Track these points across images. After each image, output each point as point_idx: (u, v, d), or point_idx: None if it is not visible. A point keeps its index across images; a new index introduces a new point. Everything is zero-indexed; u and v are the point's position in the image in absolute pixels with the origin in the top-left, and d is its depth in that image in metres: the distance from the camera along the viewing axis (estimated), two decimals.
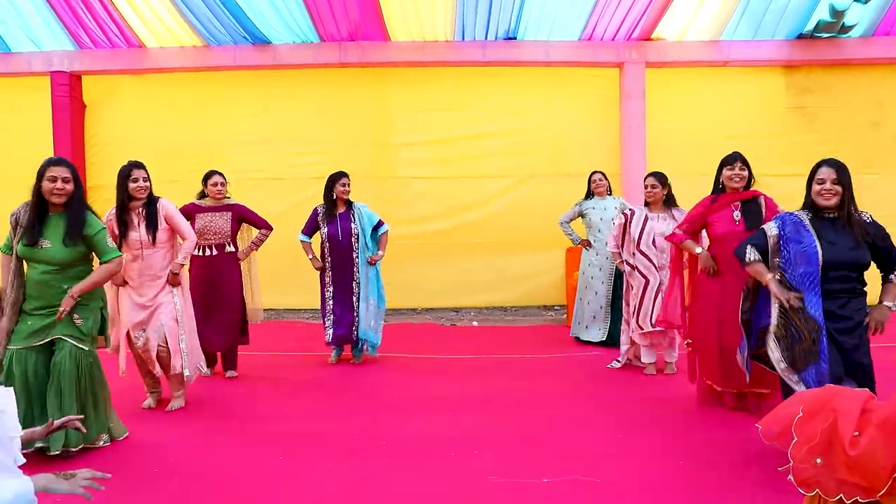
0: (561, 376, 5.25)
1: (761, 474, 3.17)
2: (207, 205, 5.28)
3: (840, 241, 3.25)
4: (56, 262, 3.55)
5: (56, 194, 3.53)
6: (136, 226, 4.32)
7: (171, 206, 4.46)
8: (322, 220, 5.62)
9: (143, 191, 4.33)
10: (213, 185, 5.28)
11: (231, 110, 8.19)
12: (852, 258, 3.25)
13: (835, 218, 3.32)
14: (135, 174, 4.34)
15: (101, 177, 8.11)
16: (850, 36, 7.67)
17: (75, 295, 3.55)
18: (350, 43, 7.69)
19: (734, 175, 4.10)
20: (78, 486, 1.76)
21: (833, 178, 3.26)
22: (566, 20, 7.43)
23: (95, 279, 3.67)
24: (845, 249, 3.24)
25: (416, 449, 3.65)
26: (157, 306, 4.35)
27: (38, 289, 3.56)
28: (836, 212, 3.30)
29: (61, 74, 7.81)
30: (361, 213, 5.67)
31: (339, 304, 5.60)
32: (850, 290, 3.30)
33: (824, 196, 3.28)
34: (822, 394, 1.99)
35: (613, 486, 3.14)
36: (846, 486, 1.81)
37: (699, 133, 7.86)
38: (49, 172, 3.51)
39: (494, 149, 8.22)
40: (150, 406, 4.51)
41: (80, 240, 3.60)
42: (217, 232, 5.25)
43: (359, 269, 5.61)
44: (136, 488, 3.16)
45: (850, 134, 7.99)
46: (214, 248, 5.26)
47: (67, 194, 3.56)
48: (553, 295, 8.22)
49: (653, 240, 5.10)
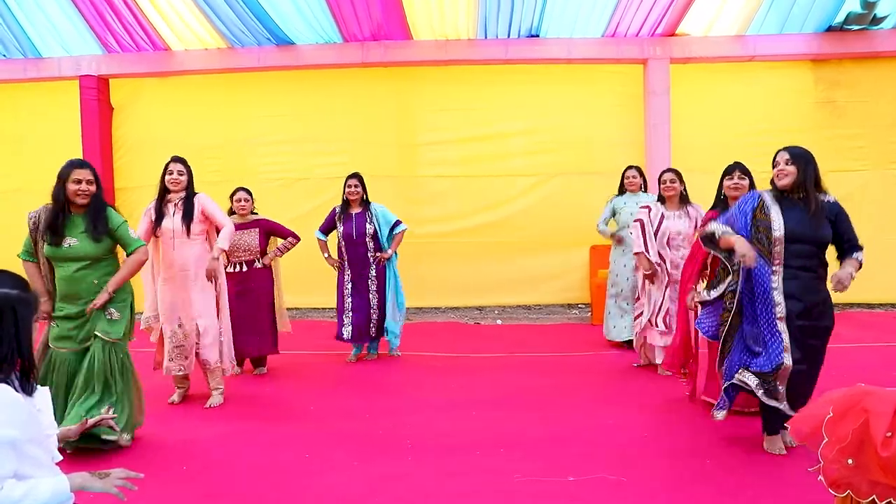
0: (586, 375, 5.23)
1: (790, 475, 3.14)
2: (235, 222, 5.33)
3: (801, 217, 3.37)
4: (86, 258, 3.63)
5: (80, 195, 3.61)
6: (171, 216, 4.42)
7: (210, 200, 4.57)
8: (339, 220, 5.72)
9: (176, 183, 4.44)
10: (238, 201, 5.37)
11: (255, 111, 8.27)
12: (811, 232, 3.36)
13: (797, 198, 3.43)
14: (171, 167, 4.48)
15: (128, 179, 8.24)
16: (881, 28, 7.51)
17: (111, 290, 3.66)
18: (373, 43, 7.72)
19: (734, 185, 4.17)
20: (112, 485, 1.80)
21: (786, 159, 3.43)
22: (589, 17, 7.38)
23: (127, 272, 3.77)
24: (806, 224, 3.36)
25: (442, 447, 3.66)
26: (192, 302, 4.43)
27: (70, 287, 3.63)
28: (797, 192, 3.42)
29: (89, 78, 7.95)
30: (377, 213, 5.77)
31: (356, 301, 5.72)
32: (808, 267, 3.38)
33: (779, 176, 3.45)
34: (853, 394, 1.96)
35: (640, 485, 3.12)
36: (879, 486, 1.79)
37: (725, 130, 7.76)
38: (74, 175, 3.59)
39: (517, 147, 8.19)
40: (175, 401, 4.59)
41: (106, 234, 3.69)
42: (246, 248, 5.33)
43: (375, 269, 5.74)
44: (165, 486, 3.21)
45: (881, 129, 7.83)
46: (245, 264, 5.35)
47: (91, 195, 3.65)
48: (577, 294, 8.17)
49: (668, 239, 5.05)
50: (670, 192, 5.09)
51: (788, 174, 3.40)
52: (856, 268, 3.40)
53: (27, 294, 1.81)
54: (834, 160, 7.85)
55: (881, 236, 7.83)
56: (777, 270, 3.37)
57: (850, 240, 3.45)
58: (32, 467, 1.73)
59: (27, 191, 3.66)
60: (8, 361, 1.74)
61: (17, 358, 1.78)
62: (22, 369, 1.81)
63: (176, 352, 4.44)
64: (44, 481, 1.69)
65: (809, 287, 3.36)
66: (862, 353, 5.69)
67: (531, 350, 6.13)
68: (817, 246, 3.41)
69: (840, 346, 5.95)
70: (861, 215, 7.70)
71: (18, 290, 1.79)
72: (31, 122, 8.36)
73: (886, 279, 7.80)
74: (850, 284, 3.35)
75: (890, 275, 7.80)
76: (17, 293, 1.78)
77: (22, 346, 1.77)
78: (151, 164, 4.63)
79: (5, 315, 1.74)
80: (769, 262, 3.38)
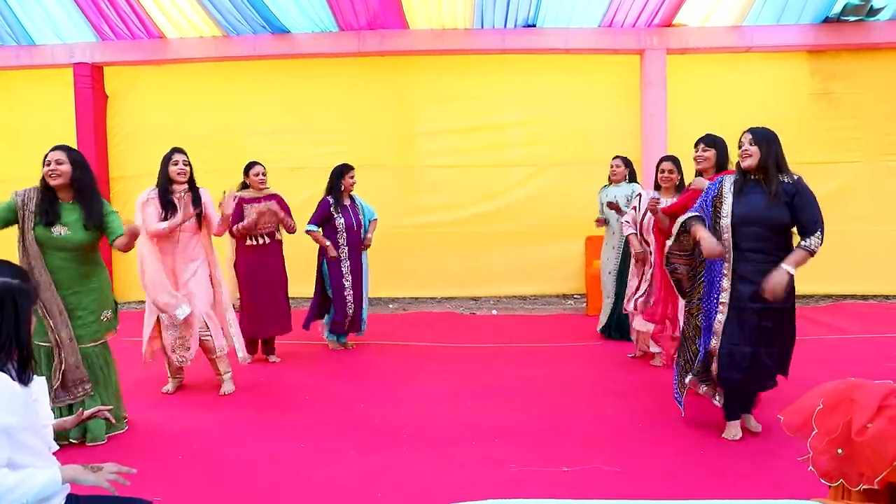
0: (581, 365, 5.25)
1: (787, 465, 3.16)
2: (252, 196, 5.34)
3: (756, 200, 3.39)
4: (76, 247, 3.62)
5: (51, 176, 3.55)
6: (179, 208, 4.40)
7: (209, 196, 4.58)
8: (336, 211, 5.72)
9: (182, 174, 4.44)
10: (256, 174, 5.38)
11: (251, 100, 8.23)
12: (763, 215, 3.36)
13: (758, 179, 3.45)
14: (175, 157, 4.47)
15: (123, 168, 8.19)
16: (878, 19, 7.50)
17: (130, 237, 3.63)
18: (369, 32, 7.68)
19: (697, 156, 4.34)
20: (104, 479, 1.82)
21: (749, 140, 3.46)
22: (586, 7, 7.35)
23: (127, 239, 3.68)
24: (759, 207, 3.37)
25: (437, 438, 3.68)
26: (192, 293, 4.43)
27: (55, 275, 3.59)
28: (759, 173, 3.44)
29: (84, 66, 7.88)
30: (363, 205, 5.95)
31: (355, 290, 5.78)
32: (762, 250, 3.37)
33: (742, 157, 3.48)
34: (844, 386, 1.99)
35: (634, 474, 3.14)
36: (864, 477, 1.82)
37: (721, 120, 7.65)
38: (47, 158, 3.57)
39: (514, 137, 8.18)
40: (169, 391, 4.60)
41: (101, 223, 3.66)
42: (273, 215, 5.34)
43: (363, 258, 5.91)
44: (160, 475, 3.22)
45: (877, 120, 7.84)
46: (266, 236, 5.37)
47: (61, 175, 3.56)
48: (573, 284, 8.19)
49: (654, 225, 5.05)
50: (668, 182, 5.09)
51: (752, 154, 3.43)
52: (802, 258, 3.31)
53: (27, 284, 1.82)
54: (830, 151, 7.88)
55: (876, 228, 7.88)
56: (727, 256, 3.41)
57: (804, 224, 3.35)
58: (28, 456, 1.74)
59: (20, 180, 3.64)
60: (6, 350, 1.76)
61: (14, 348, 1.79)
62: (20, 358, 1.82)
63: (178, 342, 4.44)
64: (37, 472, 1.71)
65: (762, 270, 3.32)
66: (856, 344, 5.72)
67: (527, 340, 6.15)
68: (770, 229, 3.37)
69: (834, 337, 6.01)
70: (856, 206, 7.83)
71: (19, 280, 1.80)
72: (25, 110, 8.29)
73: (881, 270, 7.85)
74: (782, 292, 3.24)
75: (884, 266, 7.85)
76: (18, 283, 1.79)
77: (20, 336, 1.79)
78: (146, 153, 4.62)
79: (5, 304, 1.75)
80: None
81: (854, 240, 7.71)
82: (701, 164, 4.29)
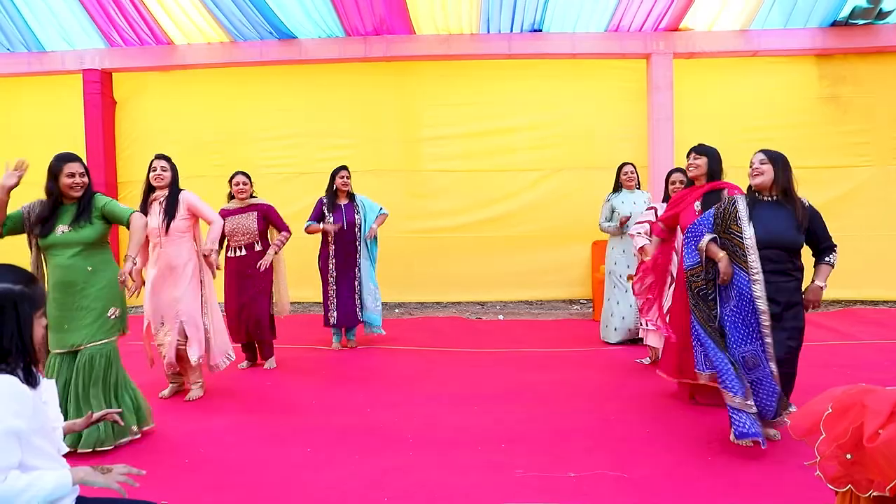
0: (587, 370, 5.23)
1: (792, 470, 3.14)
2: (234, 207, 5.39)
3: (777, 222, 3.41)
4: (79, 244, 3.64)
5: (75, 188, 3.65)
6: (156, 214, 4.44)
7: (194, 196, 4.56)
8: (328, 210, 5.87)
9: (160, 179, 4.46)
10: (236, 184, 5.40)
11: (258, 105, 8.27)
12: (786, 238, 3.40)
13: (772, 200, 3.47)
14: (154, 164, 4.49)
15: (131, 173, 8.24)
16: (886, 22, 7.47)
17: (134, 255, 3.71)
18: (375, 37, 7.71)
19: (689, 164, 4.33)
20: (114, 480, 1.83)
21: (761, 159, 3.48)
22: (592, 11, 7.35)
23: (137, 238, 3.76)
24: (781, 229, 3.40)
25: (443, 442, 3.67)
26: (176, 300, 4.43)
27: (64, 274, 3.63)
28: (771, 194, 3.47)
29: (93, 72, 7.95)
30: (364, 204, 6.03)
31: (342, 290, 5.89)
32: (781, 271, 3.41)
33: (753, 175, 3.49)
34: (855, 391, 1.97)
35: (641, 480, 3.13)
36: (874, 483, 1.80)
37: (728, 125, 7.73)
38: (67, 169, 3.63)
39: (520, 142, 8.18)
40: (165, 396, 4.61)
41: (100, 215, 3.71)
42: (245, 232, 5.35)
43: (360, 258, 5.98)
44: (168, 479, 3.22)
45: (885, 124, 7.80)
46: (244, 248, 5.37)
47: (84, 187, 3.68)
48: (579, 289, 8.17)
49: None
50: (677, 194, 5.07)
51: (763, 172, 3.45)
52: (828, 273, 3.51)
53: (30, 288, 1.82)
54: (838, 156, 7.84)
55: (886, 232, 7.82)
56: (757, 279, 3.38)
57: (821, 242, 3.52)
58: (39, 458, 1.75)
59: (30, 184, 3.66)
60: (13, 354, 1.76)
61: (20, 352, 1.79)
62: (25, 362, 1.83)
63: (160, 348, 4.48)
64: (47, 474, 1.71)
65: (782, 289, 3.39)
66: (866, 350, 5.68)
67: (532, 345, 6.13)
68: (789, 251, 3.43)
69: (844, 342, 5.96)
70: (866, 211, 7.78)
71: (21, 285, 1.80)
72: (35, 116, 8.37)
73: (891, 276, 7.79)
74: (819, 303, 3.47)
75: (894, 272, 7.78)
76: (20, 288, 1.79)
77: (24, 340, 1.79)
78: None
79: (6, 310, 1.76)
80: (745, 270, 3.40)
81: (864, 245, 7.65)
82: (692, 172, 4.29)
